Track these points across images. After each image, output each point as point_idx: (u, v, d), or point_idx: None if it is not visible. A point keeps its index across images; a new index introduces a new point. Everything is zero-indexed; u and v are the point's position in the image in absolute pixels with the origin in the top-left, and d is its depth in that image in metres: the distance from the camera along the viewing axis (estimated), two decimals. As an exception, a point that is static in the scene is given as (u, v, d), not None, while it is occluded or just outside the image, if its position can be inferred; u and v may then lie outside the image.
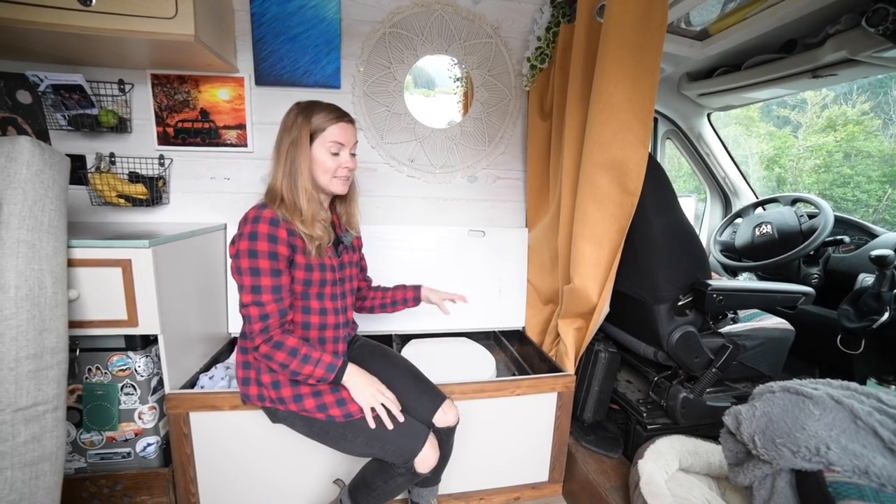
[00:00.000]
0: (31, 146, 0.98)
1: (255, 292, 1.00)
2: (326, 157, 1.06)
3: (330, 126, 1.06)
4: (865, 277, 1.53)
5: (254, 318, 1.00)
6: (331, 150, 1.06)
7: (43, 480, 0.94)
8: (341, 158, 1.08)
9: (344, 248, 1.21)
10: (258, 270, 1.00)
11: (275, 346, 1.01)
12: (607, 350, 1.45)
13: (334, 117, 1.07)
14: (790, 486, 0.87)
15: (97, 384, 1.22)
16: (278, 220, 1.01)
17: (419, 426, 1.10)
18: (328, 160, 1.06)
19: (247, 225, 1.00)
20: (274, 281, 1.01)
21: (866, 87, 5.52)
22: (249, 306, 1.00)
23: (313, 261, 1.08)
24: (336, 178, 1.09)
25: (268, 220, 1.00)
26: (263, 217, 1.00)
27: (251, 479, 1.29)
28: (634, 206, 1.24)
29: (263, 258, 0.99)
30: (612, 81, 1.18)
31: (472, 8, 1.70)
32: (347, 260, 1.22)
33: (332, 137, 1.05)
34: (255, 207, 1.04)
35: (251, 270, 0.99)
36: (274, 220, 1.01)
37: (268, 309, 1.01)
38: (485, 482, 1.47)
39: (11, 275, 0.92)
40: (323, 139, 1.06)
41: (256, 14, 1.55)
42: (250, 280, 1.00)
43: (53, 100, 1.42)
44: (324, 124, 1.05)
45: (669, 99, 2.14)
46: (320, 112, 1.06)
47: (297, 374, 1.03)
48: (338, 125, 1.06)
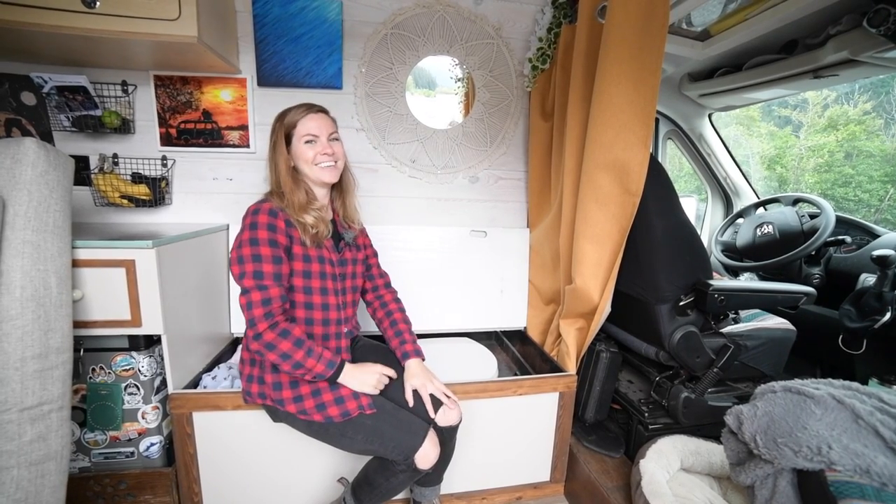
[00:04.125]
0: (37, 147, 0.98)
1: (257, 277, 1.02)
2: (305, 149, 1.12)
3: (299, 121, 1.12)
4: (867, 277, 1.53)
5: (255, 303, 1.01)
6: (305, 141, 1.12)
7: (48, 479, 0.95)
8: (318, 147, 1.12)
9: (346, 245, 1.22)
10: (260, 257, 1.02)
11: (281, 335, 1.01)
12: (609, 350, 1.45)
13: (303, 111, 1.13)
14: (792, 485, 0.87)
15: (101, 384, 1.22)
16: (276, 210, 1.07)
17: (419, 422, 1.11)
18: (307, 151, 1.12)
19: (247, 217, 1.07)
20: (275, 268, 1.04)
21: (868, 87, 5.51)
22: (251, 291, 1.01)
23: (311, 252, 1.11)
24: (317, 165, 1.13)
25: (266, 211, 1.06)
26: (262, 209, 1.06)
27: (254, 479, 1.30)
28: (636, 207, 1.24)
29: (265, 245, 1.03)
30: (613, 82, 1.19)
31: (473, 9, 1.71)
32: (350, 257, 1.23)
33: (304, 131, 1.12)
34: (255, 203, 1.10)
35: (253, 257, 1.02)
36: (272, 211, 1.06)
37: (271, 293, 1.02)
38: (487, 482, 1.48)
39: (17, 275, 0.93)
40: (297, 134, 1.12)
41: (259, 15, 1.55)
42: (252, 266, 1.02)
43: (57, 101, 1.43)
44: (294, 122, 1.13)
45: (671, 99, 2.14)
46: (291, 112, 1.14)
47: (300, 367, 1.03)
48: (306, 118, 1.12)
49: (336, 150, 1.15)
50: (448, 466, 1.27)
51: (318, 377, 1.06)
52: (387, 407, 1.12)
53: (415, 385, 1.17)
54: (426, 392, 1.16)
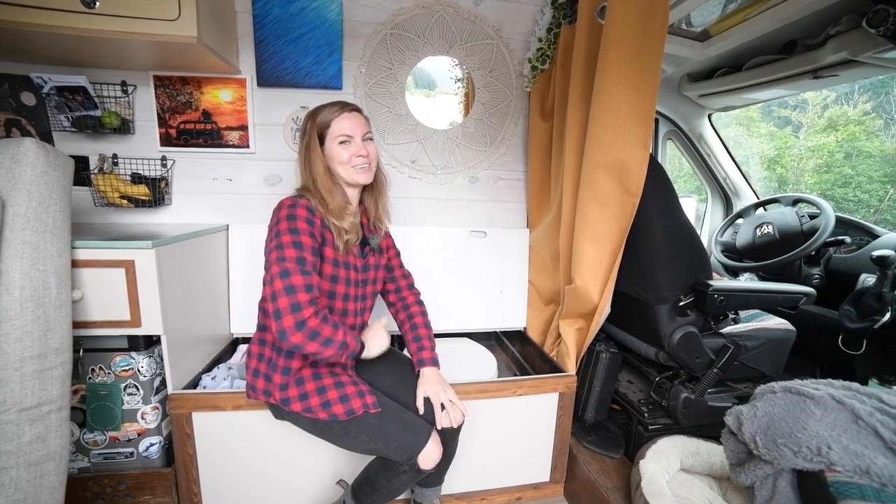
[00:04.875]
0: (36, 148, 0.98)
1: (300, 263, 0.98)
2: (339, 150, 1.09)
3: (334, 121, 1.09)
4: (867, 278, 1.53)
5: (299, 288, 0.95)
6: (340, 142, 1.10)
7: (47, 480, 0.95)
8: (353, 147, 1.10)
9: (370, 251, 1.21)
10: (301, 245, 0.99)
11: (324, 320, 0.99)
12: (608, 350, 1.45)
13: (336, 110, 1.10)
14: (791, 486, 0.87)
15: (100, 384, 1.22)
16: (314, 209, 1.05)
17: (422, 422, 1.10)
18: (341, 152, 1.09)
19: (283, 209, 1.03)
20: (315, 259, 1.02)
21: (867, 87, 5.52)
22: (293, 274, 0.96)
23: (340, 257, 1.09)
24: (353, 167, 1.11)
25: (305, 207, 1.04)
26: (300, 204, 1.04)
27: (254, 479, 1.30)
28: (636, 207, 1.24)
29: (305, 235, 1.01)
30: (613, 82, 1.19)
31: (473, 9, 1.71)
32: (373, 263, 1.22)
33: (338, 131, 1.09)
34: (289, 197, 1.08)
35: (294, 244, 0.99)
36: (310, 209, 1.05)
37: (313, 280, 0.99)
38: (487, 482, 1.48)
39: (16, 275, 0.93)
40: (331, 135, 1.10)
41: (258, 16, 1.55)
42: (294, 252, 0.98)
43: (57, 101, 1.43)
44: (328, 121, 1.10)
45: (670, 100, 2.15)
46: (324, 110, 1.11)
47: (344, 347, 1.01)
48: (340, 117, 1.10)
49: (370, 151, 1.12)
50: (449, 467, 1.27)
51: (352, 354, 1.05)
52: (391, 406, 1.11)
53: (428, 393, 1.15)
54: (438, 402, 1.14)
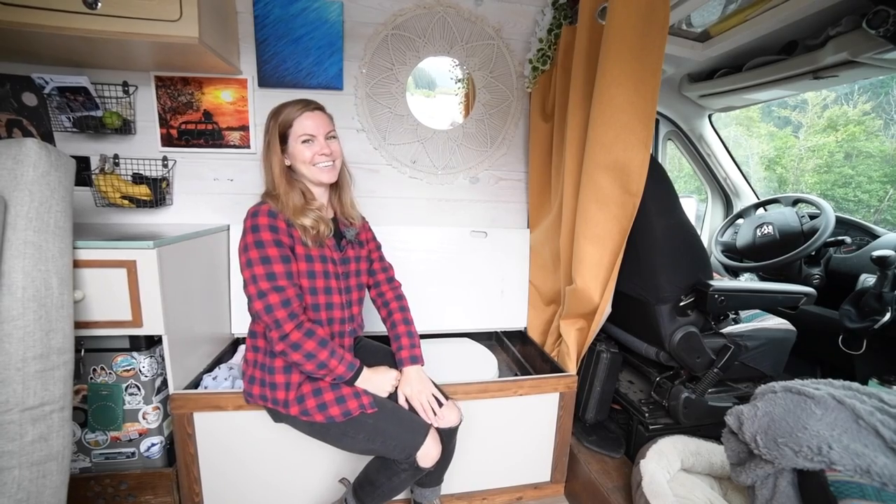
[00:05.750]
0: (38, 148, 0.98)
1: (270, 279, 1.01)
2: (302, 149, 1.09)
3: (296, 120, 1.09)
4: (867, 278, 1.53)
5: (276, 306, 1.00)
6: (302, 141, 1.09)
7: (50, 479, 0.95)
8: (315, 146, 1.10)
9: (348, 243, 1.21)
10: (269, 258, 1.01)
11: (306, 335, 1.01)
12: (609, 350, 1.45)
13: (299, 109, 1.09)
14: (792, 485, 0.87)
15: (102, 384, 1.23)
16: (275, 212, 1.06)
17: (420, 421, 1.11)
18: (304, 151, 1.09)
19: (247, 220, 1.05)
20: (286, 267, 1.03)
21: (867, 88, 5.52)
22: (268, 294, 1.00)
23: (313, 252, 1.10)
24: (316, 165, 1.10)
25: (266, 213, 1.05)
26: (261, 211, 1.05)
27: (255, 479, 1.30)
28: (636, 207, 1.24)
29: (271, 246, 1.02)
30: (613, 83, 1.19)
31: (473, 10, 1.71)
32: (353, 255, 1.22)
33: (301, 130, 1.09)
34: (254, 205, 1.09)
35: (262, 259, 1.01)
36: (271, 213, 1.05)
37: (289, 293, 1.02)
38: (487, 482, 1.48)
39: (18, 276, 0.93)
40: (294, 134, 1.09)
41: (259, 16, 1.56)
42: (263, 269, 1.01)
43: (59, 102, 1.43)
44: (290, 120, 1.09)
45: (671, 100, 2.15)
46: (286, 109, 1.10)
47: (323, 367, 1.03)
48: (302, 116, 1.09)
49: (334, 150, 1.13)
50: (448, 467, 1.27)
51: (338, 379, 1.06)
52: (388, 406, 1.12)
53: (406, 393, 1.15)
54: (417, 402, 1.13)
